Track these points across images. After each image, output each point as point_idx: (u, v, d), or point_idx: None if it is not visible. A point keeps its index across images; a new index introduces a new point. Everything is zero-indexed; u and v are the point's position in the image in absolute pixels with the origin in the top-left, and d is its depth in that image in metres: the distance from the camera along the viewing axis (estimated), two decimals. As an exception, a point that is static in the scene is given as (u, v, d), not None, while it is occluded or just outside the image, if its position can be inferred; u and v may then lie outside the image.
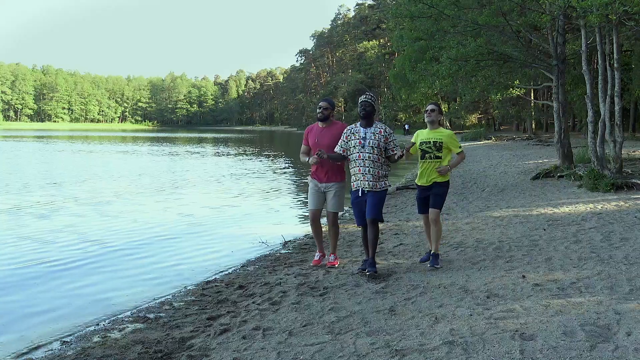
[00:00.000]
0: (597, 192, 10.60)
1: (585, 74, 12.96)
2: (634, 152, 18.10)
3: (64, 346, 4.29)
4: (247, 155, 31.66)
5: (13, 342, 4.42)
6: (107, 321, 4.84)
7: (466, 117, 51.29)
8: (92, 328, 4.67)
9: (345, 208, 12.08)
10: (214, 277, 6.19)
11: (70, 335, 4.55)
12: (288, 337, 3.95)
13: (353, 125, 5.68)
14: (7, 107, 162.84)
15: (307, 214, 11.60)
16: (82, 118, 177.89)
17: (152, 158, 28.65)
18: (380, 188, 5.52)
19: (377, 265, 5.58)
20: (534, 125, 38.76)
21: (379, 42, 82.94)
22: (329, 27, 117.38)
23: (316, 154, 5.59)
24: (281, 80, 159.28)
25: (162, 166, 23.38)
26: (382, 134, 5.52)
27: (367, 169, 5.49)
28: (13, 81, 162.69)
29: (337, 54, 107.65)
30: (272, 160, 27.86)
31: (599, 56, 12.57)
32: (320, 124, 5.97)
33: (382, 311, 4.36)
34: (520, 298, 4.47)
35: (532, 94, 34.47)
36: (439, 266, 5.65)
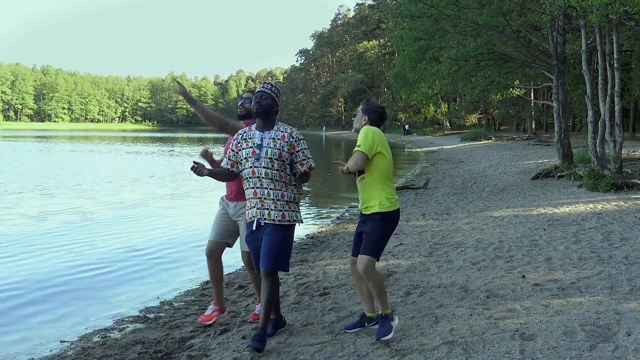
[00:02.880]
0: (597, 192, 10.60)
1: (585, 74, 12.96)
2: (634, 152, 18.10)
3: (64, 346, 4.29)
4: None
5: (13, 342, 4.42)
6: (107, 321, 4.84)
7: (466, 117, 51.29)
8: (92, 328, 4.67)
9: (345, 207, 12.24)
10: (214, 277, 6.18)
11: (70, 335, 4.55)
12: (288, 337, 3.95)
13: (247, 128, 3.90)
14: (7, 107, 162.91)
15: (306, 213, 11.68)
16: (82, 118, 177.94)
17: (166, 159, 28.60)
18: (285, 220, 3.73)
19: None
20: (534, 125, 38.77)
21: (379, 42, 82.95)
22: (329, 27, 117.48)
23: (193, 166, 3.69)
24: (281, 80, 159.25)
25: (170, 168, 23.37)
26: (286, 139, 3.76)
27: (265, 190, 3.71)
28: (13, 81, 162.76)
29: (337, 54, 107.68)
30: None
31: (599, 56, 12.58)
32: (240, 124, 4.32)
33: (382, 311, 4.36)
34: (520, 298, 4.47)
35: (532, 94, 34.49)
36: (389, 337, 3.65)
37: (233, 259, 7.08)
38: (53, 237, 8.42)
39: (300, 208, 3.91)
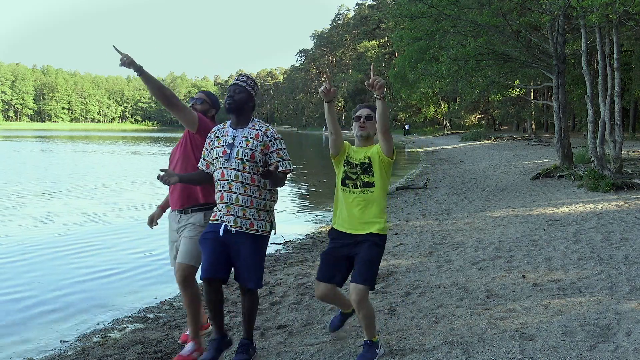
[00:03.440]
0: (597, 192, 10.60)
1: (585, 74, 12.97)
2: (634, 152, 18.11)
3: (64, 346, 4.29)
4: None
5: (13, 342, 4.42)
6: (107, 321, 4.84)
7: (466, 117, 51.29)
8: (92, 328, 4.67)
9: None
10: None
11: (70, 335, 4.55)
12: (288, 337, 3.95)
13: (221, 124, 3.58)
14: (7, 107, 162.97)
15: (306, 213, 11.70)
16: (82, 118, 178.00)
17: (167, 159, 28.60)
18: (257, 230, 3.37)
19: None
20: (534, 125, 38.78)
21: (379, 42, 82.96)
22: (329, 27, 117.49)
23: (159, 175, 3.30)
24: (281, 80, 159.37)
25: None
26: (260, 138, 3.39)
27: (233, 195, 3.33)
28: (13, 81, 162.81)
29: (337, 54, 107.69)
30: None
31: (599, 56, 12.58)
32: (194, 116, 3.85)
33: (382, 311, 4.36)
34: (520, 298, 4.47)
35: (532, 94, 34.50)
36: None
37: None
38: (54, 237, 8.42)
39: (274, 217, 3.51)
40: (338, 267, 3.37)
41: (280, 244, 7.89)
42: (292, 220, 10.26)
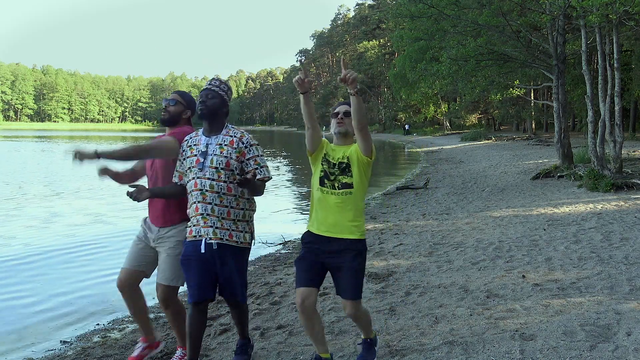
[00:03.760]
0: (597, 192, 10.60)
1: (585, 74, 12.97)
2: (634, 152, 18.11)
3: (64, 346, 4.30)
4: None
5: (13, 342, 4.42)
6: (107, 321, 4.84)
7: (466, 117, 51.28)
8: (92, 328, 4.67)
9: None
10: (214, 277, 6.18)
11: (70, 335, 4.55)
12: (288, 337, 3.95)
13: (194, 133, 3.38)
14: (7, 107, 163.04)
15: (306, 213, 11.66)
16: (82, 118, 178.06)
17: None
18: (236, 241, 3.20)
19: (373, 269, 5.11)
20: (534, 125, 38.78)
21: (379, 42, 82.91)
22: (329, 27, 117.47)
23: (129, 191, 3.16)
24: (281, 80, 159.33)
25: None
26: (235, 145, 3.22)
27: (209, 206, 3.15)
28: (13, 81, 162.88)
29: (337, 54, 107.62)
30: (271, 160, 27.86)
31: (599, 56, 12.59)
32: (167, 130, 3.59)
33: (382, 311, 4.36)
34: (520, 298, 4.47)
35: (532, 94, 34.49)
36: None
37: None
38: (55, 238, 8.42)
39: (254, 227, 3.34)
40: (315, 272, 3.12)
41: (280, 244, 7.89)
42: (292, 220, 10.26)
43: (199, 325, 3.21)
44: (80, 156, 2.99)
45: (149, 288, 3.66)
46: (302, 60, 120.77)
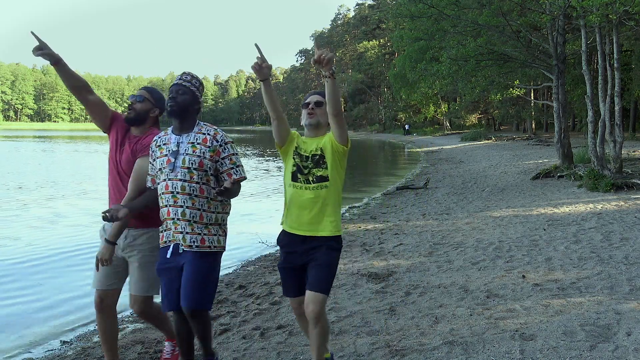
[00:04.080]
0: (597, 192, 10.60)
1: (585, 74, 12.97)
2: (634, 152, 18.11)
3: (64, 346, 4.30)
4: (247, 155, 31.66)
5: (13, 342, 4.42)
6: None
7: (466, 117, 51.29)
8: (92, 328, 4.67)
9: (345, 207, 12.25)
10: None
11: (70, 335, 4.55)
12: (288, 337, 3.95)
13: (163, 132, 3.17)
14: (7, 107, 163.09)
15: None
16: (82, 118, 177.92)
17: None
18: (205, 246, 2.97)
19: (373, 269, 5.09)
20: (534, 125, 38.78)
21: (379, 42, 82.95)
22: (329, 27, 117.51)
23: (105, 215, 2.87)
24: (281, 80, 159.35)
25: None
26: (209, 143, 3.00)
27: (180, 209, 2.94)
28: (13, 81, 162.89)
29: (337, 54, 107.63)
30: (271, 160, 27.85)
31: (599, 56, 12.59)
32: (133, 131, 3.36)
33: (382, 311, 4.36)
34: (520, 298, 4.47)
35: (532, 94, 34.49)
36: None
37: (233, 260, 7.08)
38: (57, 238, 8.42)
39: (226, 231, 3.10)
40: (301, 277, 2.96)
41: (280, 244, 7.89)
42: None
43: (187, 331, 3.06)
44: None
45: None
46: (303, 61, 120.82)
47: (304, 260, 2.94)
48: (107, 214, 2.84)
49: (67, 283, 6.06)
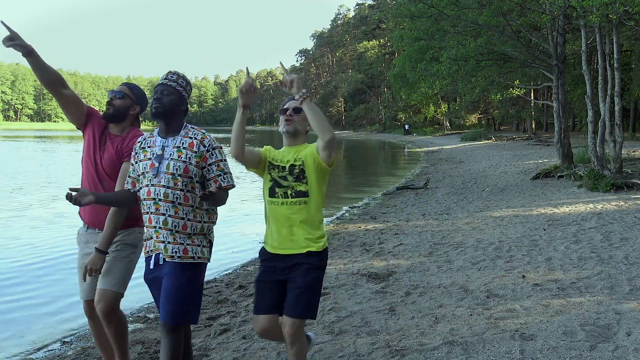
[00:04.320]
0: (597, 192, 10.60)
1: (585, 74, 12.97)
2: (634, 152, 18.11)
3: (64, 346, 4.30)
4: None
5: (13, 342, 4.42)
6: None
7: (466, 117, 51.29)
8: (92, 328, 4.66)
9: (345, 207, 12.23)
10: (214, 277, 6.19)
11: (70, 335, 4.56)
12: (288, 337, 3.95)
13: (148, 134, 2.99)
14: (7, 107, 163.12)
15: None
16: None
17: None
18: (188, 257, 2.77)
19: (373, 269, 5.12)
20: (534, 125, 38.78)
21: (379, 42, 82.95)
22: (329, 27, 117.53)
23: (70, 194, 2.68)
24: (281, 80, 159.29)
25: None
26: (195, 148, 2.81)
27: (162, 217, 2.75)
28: (13, 81, 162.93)
29: (337, 54, 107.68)
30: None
31: (599, 56, 12.59)
32: (111, 127, 3.24)
33: (382, 311, 4.36)
34: (520, 298, 4.47)
35: (532, 94, 34.49)
36: None
37: (233, 260, 7.09)
38: (58, 238, 8.42)
39: (212, 241, 2.93)
40: (276, 295, 2.80)
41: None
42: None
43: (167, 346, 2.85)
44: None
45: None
46: (303, 61, 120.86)
47: (284, 277, 2.80)
48: (71, 193, 2.63)
49: (68, 283, 6.06)
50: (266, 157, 2.91)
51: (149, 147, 2.86)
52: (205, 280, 5.74)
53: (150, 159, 2.81)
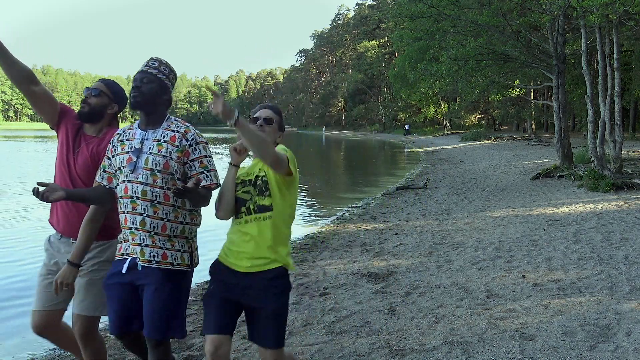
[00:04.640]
0: (597, 192, 10.60)
1: (585, 74, 12.97)
2: (634, 152, 18.11)
3: (64, 346, 4.29)
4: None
5: (13, 342, 4.42)
6: (107, 321, 4.84)
7: (466, 117, 51.29)
8: (92, 328, 4.66)
9: (345, 207, 12.24)
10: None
11: (70, 335, 4.55)
12: (288, 337, 3.95)
13: (128, 125, 2.72)
14: (7, 107, 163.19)
15: (305, 213, 11.69)
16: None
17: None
18: (167, 263, 2.55)
19: (373, 269, 5.10)
20: (534, 125, 38.78)
21: (379, 42, 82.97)
22: (329, 27, 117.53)
23: (37, 189, 2.42)
24: (281, 80, 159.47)
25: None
26: (177, 142, 2.58)
27: (139, 217, 2.52)
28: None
29: (337, 54, 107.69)
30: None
31: (599, 56, 12.59)
32: (87, 128, 2.94)
33: (382, 311, 4.36)
34: (520, 298, 4.47)
35: (532, 94, 34.49)
36: None
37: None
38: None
39: (196, 245, 2.73)
40: (228, 314, 2.52)
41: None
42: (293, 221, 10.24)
43: (140, 354, 2.76)
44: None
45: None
46: (303, 61, 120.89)
47: (242, 299, 2.52)
48: (38, 188, 2.39)
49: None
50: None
51: (127, 139, 2.61)
52: (205, 280, 5.77)
53: (127, 152, 2.56)
